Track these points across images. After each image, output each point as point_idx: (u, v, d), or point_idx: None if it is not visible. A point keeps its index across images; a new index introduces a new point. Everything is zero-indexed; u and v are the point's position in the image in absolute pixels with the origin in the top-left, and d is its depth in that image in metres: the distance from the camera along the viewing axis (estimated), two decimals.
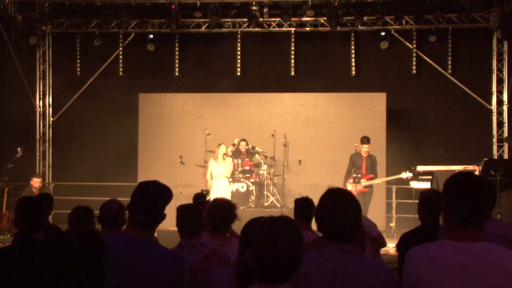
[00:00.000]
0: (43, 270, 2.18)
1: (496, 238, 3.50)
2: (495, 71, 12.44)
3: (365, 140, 10.16)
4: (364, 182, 10.03)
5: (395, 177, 10.33)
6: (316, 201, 4.40)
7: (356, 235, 2.48)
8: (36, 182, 10.34)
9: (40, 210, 3.55)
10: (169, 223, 3.74)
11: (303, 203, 4.73)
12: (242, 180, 11.02)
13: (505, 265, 2.20)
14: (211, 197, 9.36)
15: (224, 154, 10.20)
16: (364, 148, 10.12)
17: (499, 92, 12.49)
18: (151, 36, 12.96)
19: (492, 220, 3.65)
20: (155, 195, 2.80)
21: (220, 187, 10.22)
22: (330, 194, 2.48)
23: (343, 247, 2.44)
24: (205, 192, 9.65)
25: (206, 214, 3.97)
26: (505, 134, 12.34)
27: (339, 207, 2.42)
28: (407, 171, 10.07)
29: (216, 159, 10.26)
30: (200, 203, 6.32)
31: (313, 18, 12.57)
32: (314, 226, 5.07)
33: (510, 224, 3.80)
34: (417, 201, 4.31)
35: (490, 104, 12.49)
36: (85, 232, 2.30)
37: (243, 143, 11.32)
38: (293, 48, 12.88)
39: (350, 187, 10.04)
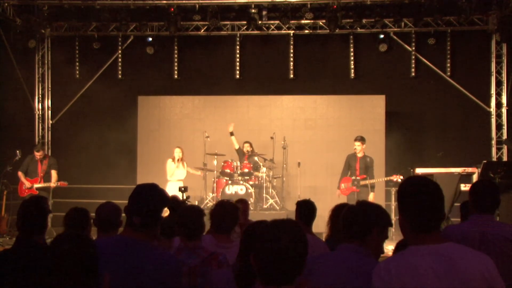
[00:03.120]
0: (40, 274, 2.19)
1: (500, 240, 3.49)
2: (494, 73, 12.45)
3: (358, 137, 10.17)
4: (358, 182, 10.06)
5: (386, 178, 10.33)
6: (316, 203, 4.51)
7: (364, 235, 2.66)
8: (37, 155, 10.49)
9: (43, 212, 3.55)
10: None
11: (304, 206, 4.74)
12: (241, 182, 11.02)
13: (471, 266, 2.18)
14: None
15: (179, 158, 10.65)
16: (356, 146, 10.10)
17: (498, 94, 12.50)
18: (150, 39, 12.96)
19: (493, 223, 3.66)
20: (152, 197, 2.81)
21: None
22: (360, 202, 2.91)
23: (356, 248, 2.59)
24: (183, 188, 9.62)
25: (210, 215, 3.97)
26: (504, 136, 12.35)
27: (354, 209, 2.80)
28: (399, 175, 10.07)
29: (175, 161, 10.58)
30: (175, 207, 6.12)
31: (312, 21, 12.57)
32: (315, 228, 5.04)
33: (510, 225, 3.81)
34: None
35: (489, 106, 12.50)
36: (75, 238, 2.31)
37: (246, 145, 11.35)
38: (292, 51, 12.88)
39: (343, 186, 10.16)
